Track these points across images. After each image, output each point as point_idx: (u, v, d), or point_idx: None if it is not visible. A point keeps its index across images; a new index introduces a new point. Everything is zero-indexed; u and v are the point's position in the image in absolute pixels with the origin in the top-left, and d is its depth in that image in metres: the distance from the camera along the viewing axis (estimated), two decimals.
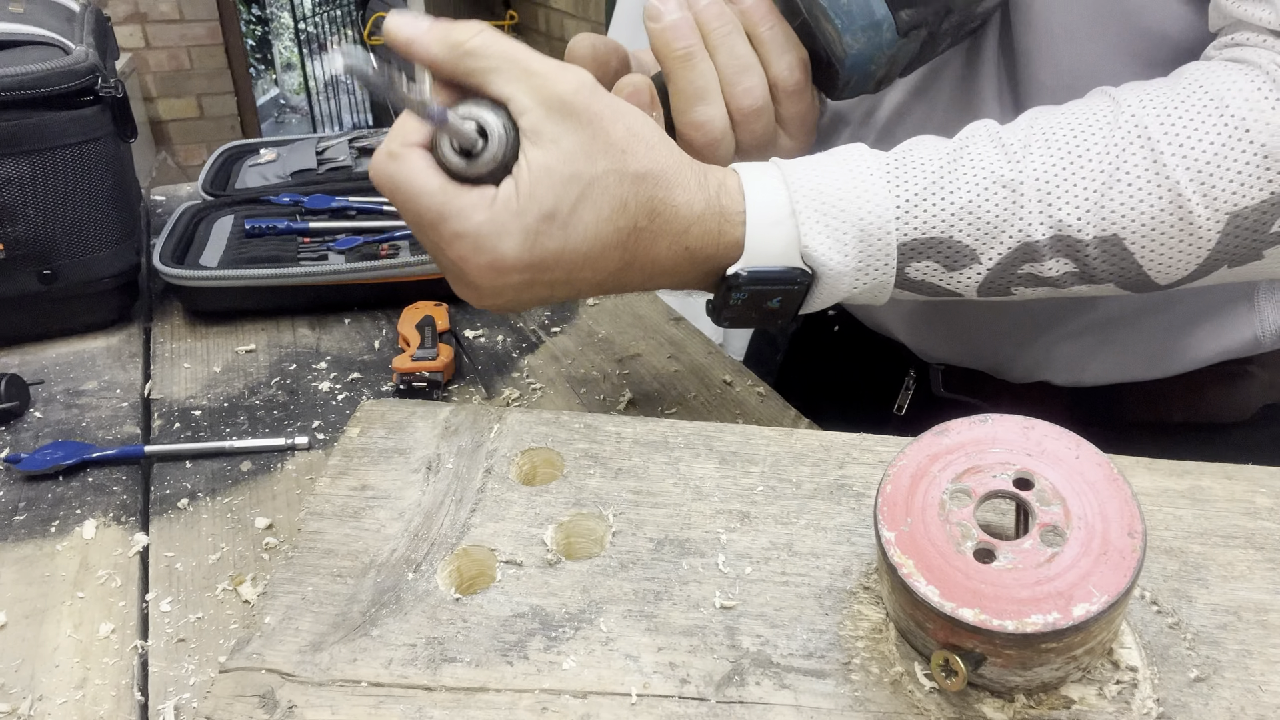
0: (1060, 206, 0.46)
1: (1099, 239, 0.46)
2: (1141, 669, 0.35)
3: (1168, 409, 0.66)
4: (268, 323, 0.80)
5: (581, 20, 3.55)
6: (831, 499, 0.44)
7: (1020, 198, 0.46)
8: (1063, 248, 0.47)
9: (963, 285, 0.49)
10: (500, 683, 0.36)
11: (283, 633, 0.39)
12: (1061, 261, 0.47)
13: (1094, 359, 0.65)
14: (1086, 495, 0.34)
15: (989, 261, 0.48)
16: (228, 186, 1.00)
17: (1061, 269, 0.48)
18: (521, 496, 0.45)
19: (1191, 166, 0.45)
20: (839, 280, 0.49)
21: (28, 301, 0.74)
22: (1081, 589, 0.31)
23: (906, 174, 0.48)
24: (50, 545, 0.54)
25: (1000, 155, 0.47)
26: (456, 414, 0.51)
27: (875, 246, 0.48)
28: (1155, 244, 0.46)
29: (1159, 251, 0.46)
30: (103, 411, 0.68)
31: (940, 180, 0.48)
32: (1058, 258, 0.47)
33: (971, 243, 0.47)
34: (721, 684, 0.36)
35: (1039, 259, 0.47)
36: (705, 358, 0.73)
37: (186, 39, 3.83)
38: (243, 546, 0.54)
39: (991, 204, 0.47)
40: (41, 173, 0.72)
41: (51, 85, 0.70)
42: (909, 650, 0.36)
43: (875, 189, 0.48)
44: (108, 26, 0.89)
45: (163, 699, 0.44)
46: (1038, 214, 0.46)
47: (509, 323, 0.79)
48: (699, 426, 0.50)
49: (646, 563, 0.41)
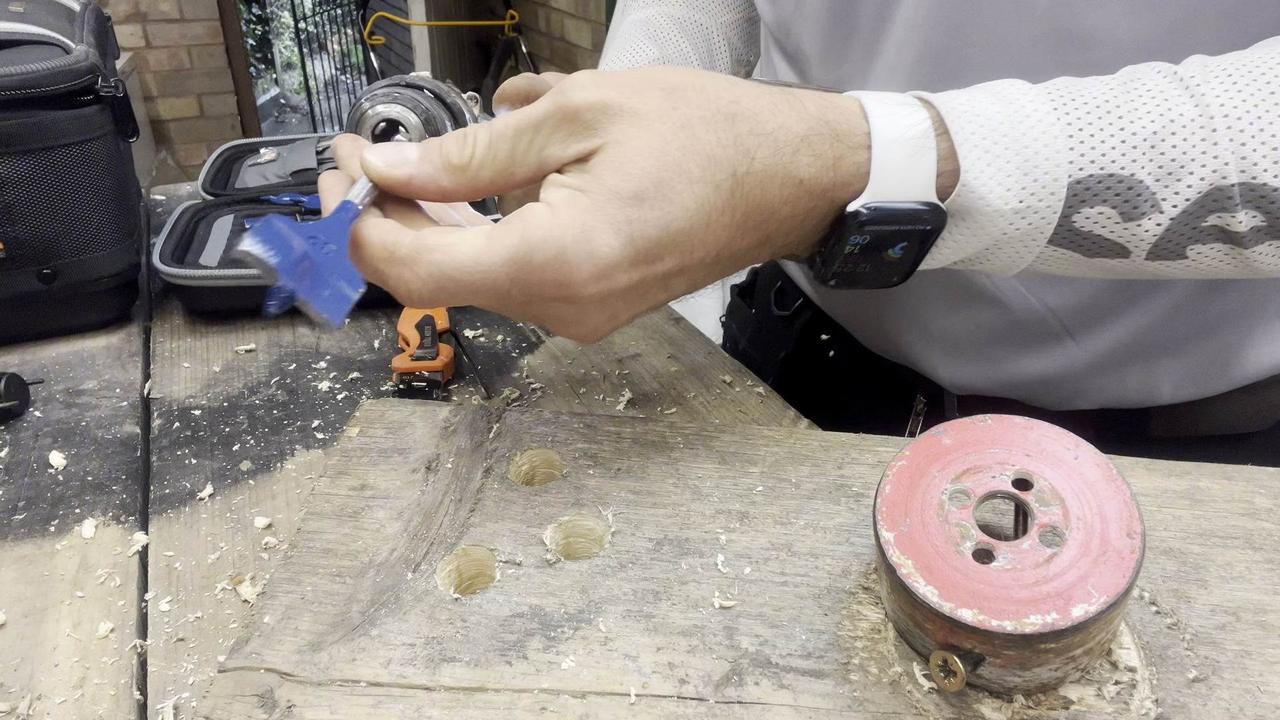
0: (1255, 147, 0.39)
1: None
2: (1140, 669, 0.35)
3: (1193, 423, 0.63)
4: (267, 322, 0.80)
5: (582, 20, 3.55)
6: (831, 499, 0.44)
7: (1213, 133, 0.39)
8: (1254, 197, 0.40)
9: (1138, 240, 0.41)
10: (499, 683, 0.36)
11: (282, 632, 0.39)
12: (1251, 214, 0.40)
13: (1137, 387, 0.62)
14: (1085, 496, 0.34)
15: (1172, 209, 0.40)
16: (228, 186, 1.00)
17: (1251, 221, 0.40)
18: (521, 496, 0.45)
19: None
20: (992, 221, 0.41)
21: (28, 301, 0.75)
22: (1080, 589, 0.31)
23: (1074, 100, 0.41)
24: (49, 544, 0.54)
25: (1178, 87, 0.41)
26: (456, 414, 0.51)
27: (1041, 181, 0.40)
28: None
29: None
30: (102, 411, 0.68)
31: (1115, 106, 0.40)
32: (1248, 208, 0.40)
33: (1153, 184, 0.40)
34: (720, 684, 0.36)
35: (1230, 208, 0.40)
36: (705, 358, 0.73)
37: (187, 38, 3.83)
38: (242, 546, 0.54)
39: (1180, 136, 0.40)
40: (41, 172, 0.72)
41: (52, 85, 0.70)
42: (908, 650, 0.36)
43: (1038, 112, 0.40)
44: (108, 26, 0.89)
45: (162, 698, 0.44)
46: (1230, 152, 0.39)
47: (509, 322, 0.79)
48: (698, 426, 0.50)
49: (645, 563, 0.41)
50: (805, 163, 0.40)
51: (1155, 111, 0.40)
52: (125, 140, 0.79)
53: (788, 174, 0.40)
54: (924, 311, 0.65)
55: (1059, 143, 0.40)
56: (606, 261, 0.38)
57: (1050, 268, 0.45)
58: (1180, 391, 0.62)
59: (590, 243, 0.38)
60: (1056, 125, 0.40)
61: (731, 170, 0.39)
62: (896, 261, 0.43)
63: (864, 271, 0.43)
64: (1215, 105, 0.40)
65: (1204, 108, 0.40)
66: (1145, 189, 0.40)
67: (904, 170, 0.40)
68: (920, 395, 0.71)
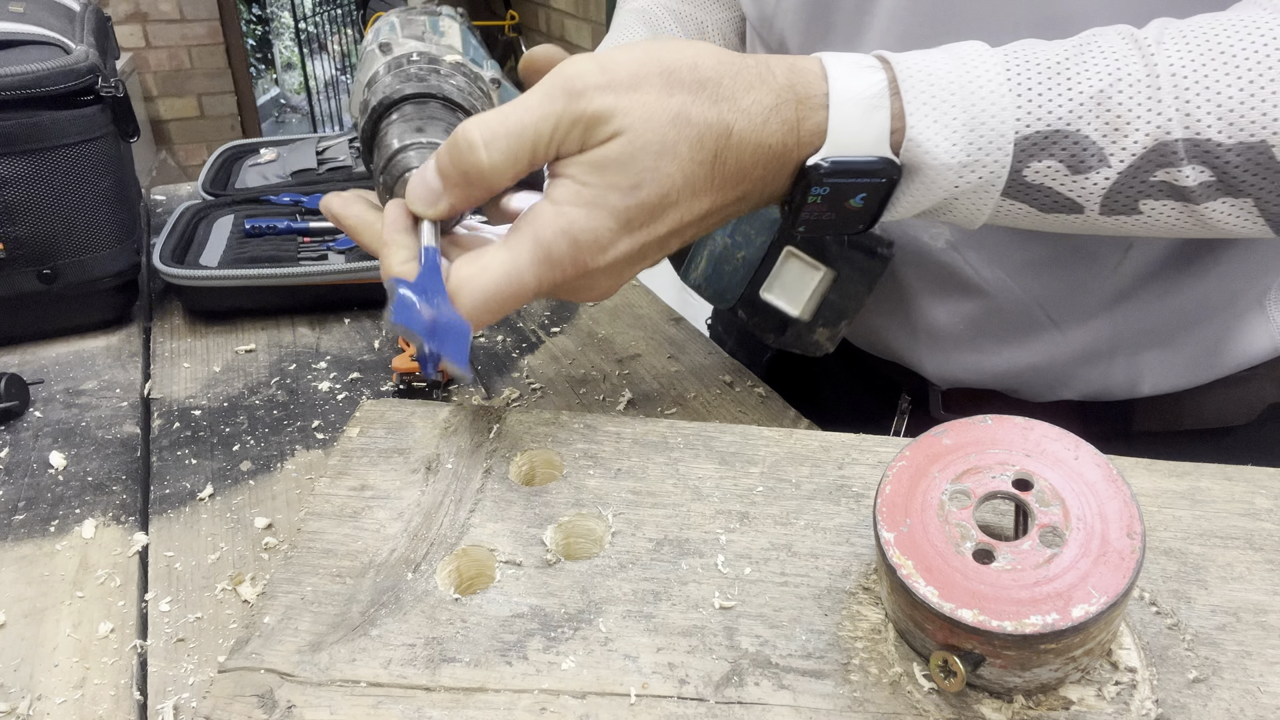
0: (1199, 104, 0.41)
1: (1243, 144, 0.41)
2: (1140, 670, 0.35)
3: (1177, 417, 0.65)
4: (268, 322, 0.80)
5: (582, 20, 3.55)
6: (831, 499, 0.44)
7: (1157, 91, 0.42)
8: (1199, 153, 0.42)
9: (1087, 193, 0.44)
10: (499, 683, 0.36)
11: (282, 633, 0.39)
12: (1198, 169, 0.42)
13: (1120, 378, 0.63)
14: (1086, 496, 0.34)
15: (1120, 163, 0.42)
16: (228, 186, 1.00)
17: (1199, 177, 0.42)
18: (521, 497, 0.45)
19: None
20: (941, 175, 0.43)
21: (28, 301, 0.75)
22: (1080, 590, 0.31)
23: (1025, 61, 0.43)
24: (49, 545, 0.54)
25: (1132, 47, 0.43)
26: (456, 414, 0.51)
27: (987, 137, 0.43)
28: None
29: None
30: (102, 411, 0.68)
31: (1064, 68, 0.43)
32: (1194, 164, 0.42)
33: (1100, 139, 0.42)
34: (720, 684, 0.36)
35: (1175, 163, 0.42)
36: (705, 358, 0.73)
37: (187, 38, 3.83)
38: (242, 546, 0.54)
39: (1126, 94, 0.42)
40: (41, 172, 0.72)
41: (52, 85, 0.70)
42: (908, 651, 0.36)
43: (989, 73, 0.43)
44: (108, 26, 0.89)
45: (162, 698, 0.44)
46: (1174, 108, 0.41)
47: (509, 323, 0.79)
48: (698, 427, 0.50)
49: (646, 563, 0.41)
50: (774, 129, 0.44)
51: (1104, 70, 0.42)
52: (125, 140, 0.79)
53: (759, 142, 0.44)
54: (909, 304, 0.65)
55: (1005, 100, 0.42)
56: (612, 242, 0.43)
57: (1010, 221, 0.47)
58: (1163, 382, 0.63)
59: (597, 231, 0.42)
60: (1005, 85, 0.43)
61: (715, 148, 0.43)
62: (859, 210, 0.46)
63: (829, 220, 0.47)
64: (1164, 64, 0.42)
65: (1151, 66, 0.42)
66: (1091, 144, 0.42)
67: (859, 127, 0.43)
68: (905, 393, 0.72)
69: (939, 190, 0.44)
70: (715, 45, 0.46)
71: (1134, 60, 0.42)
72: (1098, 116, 0.42)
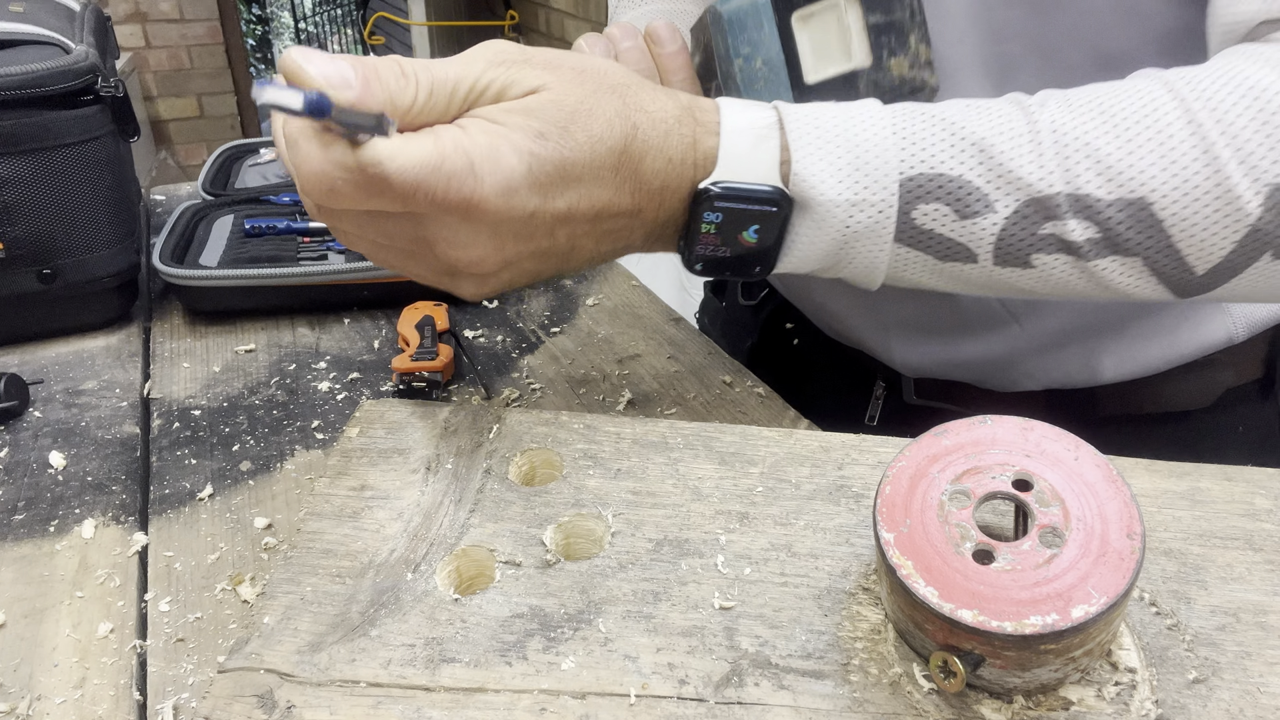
0: (1078, 160, 0.43)
1: (1124, 201, 0.43)
2: (1140, 670, 0.35)
3: (1138, 402, 0.67)
4: (267, 322, 0.80)
5: (582, 20, 3.55)
6: (831, 500, 0.44)
7: (1039, 145, 0.43)
8: (1081, 207, 0.43)
9: (978, 240, 0.45)
10: (499, 683, 0.36)
11: (281, 633, 0.39)
12: (1084, 224, 0.43)
13: (1079, 367, 0.66)
14: (1085, 496, 0.34)
15: (1005, 209, 0.44)
16: (228, 186, 1.00)
17: (1085, 233, 0.43)
18: (520, 497, 0.45)
19: (1227, 131, 0.41)
20: (831, 212, 0.44)
21: (27, 301, 0.74)
22: (1080, 590, 0.31)
23: (909, 112, 0.46)
24: (49, 545, 0.54)
25: (1015, 108, 0.45)
26: (456, 414, 0.51)
27: (872, 176, 0.44)
28: (1188, 211, 0.42)
29: (1192, 221, 0.42)
30: (102, 411, 0.68)
31: (948, 120, 0.45)
32: (1078, 218, 0.43)
33: (984, 184, 0.44)
34: (720, 685, 0.36)
35: (1060, 216, 0.43)
36: (705, 358, 0.73)
37: (187, 38, 3.83)
38: (242, 546, 0.54)
39: (1008, 144, 0.44)
40: (41, 172, 0.72)
41: (52, 85, 0.70)
42: (908, 651, 0.36)
43: (873, 119, 0.45)
44: (108, 26, 0.89)
45: (161, 699, 0.44)
46: (1055, 163, 0.43)
47: (509, 323, 0.79)
48: (698, 427, 0.50)
49: (645, 563, 0.41)
50: (675, 141, 0.45)
51: (986, 123, 0.44)
52: (125, 140, 0.79)
53: (660, 150, 0.44)
54: (875, 298, 0.67)
55: (889, 143, 0.44)
56: (509, 179, 0.40)
57: (910, 273, 0.47)
58: (1122, 370, 0.65)
59: (497, 159, 0.40)
60: (888, 129, 0.45)
61: (623, 140, 0.43)
62: (754, 248, 0.46)
63: (725, 257, 0.47)
64: (1045, 122, 0.44)
65: (1034, 124, 0.44)
66: (976, 189, 0.44)
67: (749, 155, 0.44)
68: (879, 380, 0.74)
69: (832, 228, 0.45)
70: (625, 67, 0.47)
71: (1017, 117, 0.44)
72: (980, 163, 0.44)
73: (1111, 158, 0.43)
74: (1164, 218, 0.42)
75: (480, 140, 0.40)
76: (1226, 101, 0.42)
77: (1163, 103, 0.43)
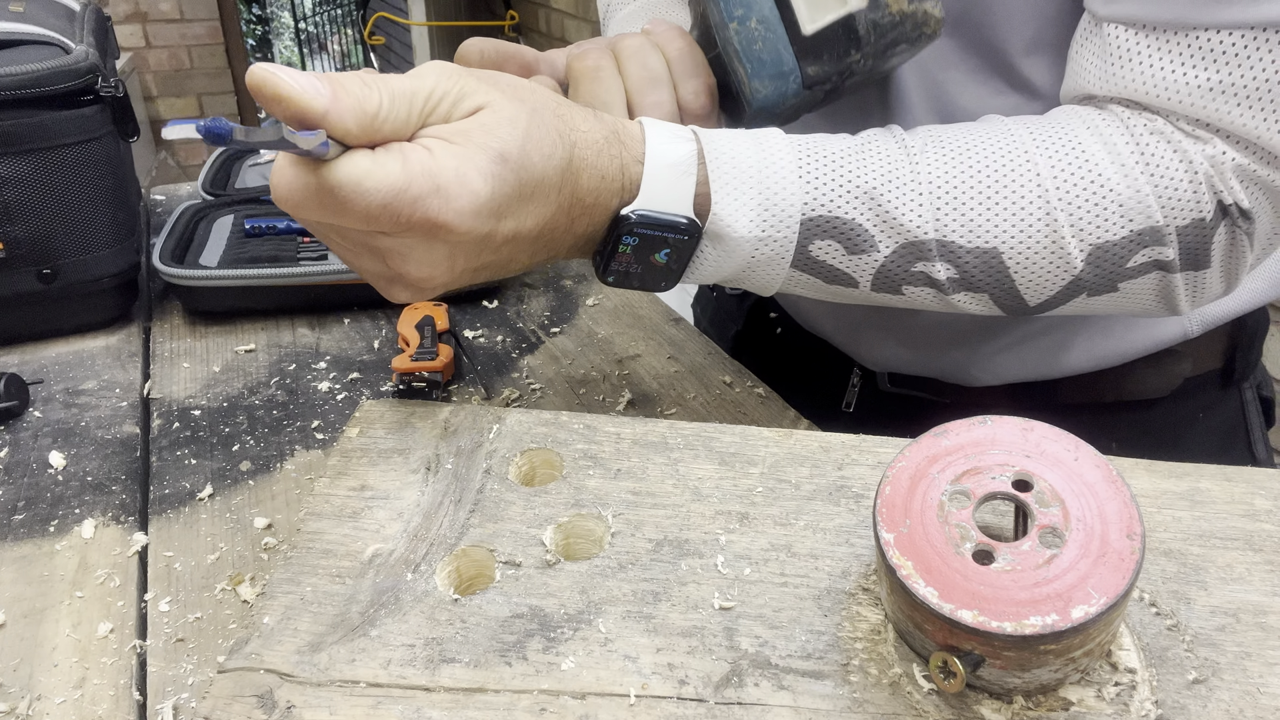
0: (948, 213, 0.49)
1: (980, 250, 0.49)
2: (1140, 671, 0.35)
3: (1100, 391, 0.70)
4: (267, 322, 0.80)
5: (582, 20, 3.55)
6: (831, 500, 0.44)
7: (919, 196, 0.49)
8: (946, 252, 0.49)
9: (860, 271, 0.50)
10: (499, 683, 0.36)
11: (281, 633, 0.39)
12: (945, 266, 0.50)
13: (1040, 363, 0.69)
14: (1085, 497, 0.34)
15: (886, 249, 0.50)
16: (228, 186, 1.00)
17: (947, 272, 0.50)
18: (520, 497, 0.45)
19: (1065, 198, 0.48)
20: (740, 245, 0.49)
21: (28, 301, 0.75)
22: (1080, 591, 0.31)
23: (813, 154, 0.50)
24: (49, 545, 0.54)
25: (901, 151, 0.50)
26: (456, 414, 0.51)
27: (779, 217, 0.49)
28: (1029, 263, 0.49)
29: (1031, 270, 0.49)
30: (102, 411, 0.68)
31: (847, 164, 0.49)
32: (943, 261, 0.50)
33: (871, 227, 0.49)
34: (720, 685, 0.36)
35: (929, 258, 0.49)
36: (705, 358, 0.73)
37: (187, 38, 3.83)
38: (241, 546, 0.54)
39: (894, 194, 0.49)
40: (41, 172, 0.72)
41: (52, 85, 0.70)
42: (907, 652, 0.36)
43: (782, 161, 0.49)
44: (108, 26, 0.89)
45: (161, 699, 0.44)
46: (930, 213, 0.49)
47: (509, 323, 0.79)
48: (698, 427, 0.50)
49: (645, 564, 0.41)
50: (605, 162, 0.47)
51: (878, 170, 0.49)
52: (125, 140, 0.79)
53: (594, 168, 0.47)
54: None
55: (795, 186, 0.49)
56: (474, 202, 0.42)
57: (800, 289, 0.53)
58: (1083, 363, 0.68)
59: (464, 182, 0.41)
60: (795, 173, 0.49)
61: (565, 153, 0.45)
62: (663, 268, 0.50)
63: (636, 272, 0.50)
64: (925, 173, 0.49)
65: (916, 173, 0.49)
66: (865, 231, 0.49)
67: (669, 188, 0.48)
68: (855, 369, 0.78)
69: (738, 258, 0.50)
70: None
71: (903, 165, 0.49)
72: (870, 209, 0.49)
73: (974, 212, 0.49)
74: (1010, 265, 0.49)
75: (448, 164, 0.41)
76: (1066, 171, 0.48)
77: (1019, 166, 0.49)
